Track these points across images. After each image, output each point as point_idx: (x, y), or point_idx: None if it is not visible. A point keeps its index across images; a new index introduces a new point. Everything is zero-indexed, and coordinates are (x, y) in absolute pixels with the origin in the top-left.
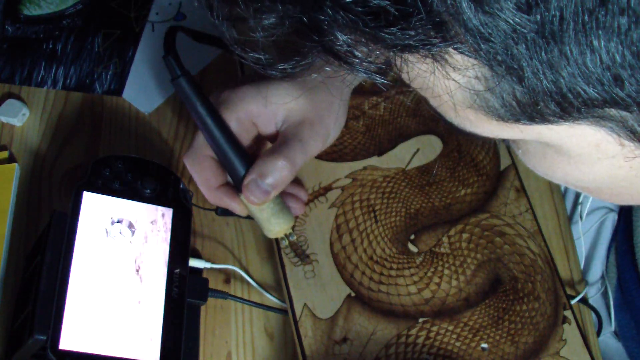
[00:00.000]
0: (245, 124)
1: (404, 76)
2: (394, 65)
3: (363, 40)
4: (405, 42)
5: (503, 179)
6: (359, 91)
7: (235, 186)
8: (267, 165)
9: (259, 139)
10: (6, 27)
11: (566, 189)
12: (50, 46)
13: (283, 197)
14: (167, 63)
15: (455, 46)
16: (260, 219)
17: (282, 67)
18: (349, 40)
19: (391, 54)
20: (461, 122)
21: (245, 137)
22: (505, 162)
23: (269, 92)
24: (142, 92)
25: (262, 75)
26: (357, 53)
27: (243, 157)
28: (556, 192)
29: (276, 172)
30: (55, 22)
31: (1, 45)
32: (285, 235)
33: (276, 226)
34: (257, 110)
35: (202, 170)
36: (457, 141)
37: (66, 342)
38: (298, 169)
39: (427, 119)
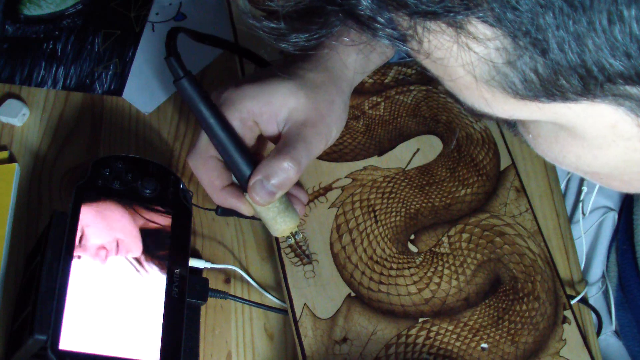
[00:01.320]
0: (247, 124)
1: (424, 46)
2: (414, 33)
3: (386, 5)
4: (429, 8)
5: (503, 179)
6: (359, 91)
7: (241, 186)
8: (273, 167)
9: (261, 138)
10: (6, 27)
11: (566, 189)
12: (50, 46)
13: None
14: (169, 64)
15: (479, 15)
16: (266, 218)
17: (295, 39)
18: (372, 5)
19: (413, 21)
20: (476, 101)
21: (248, 137)
22: (505, 162)
23: (271, 91)
24: (142, 92)
25: (263, 75)
26: (379, 19)
27: (248, 158)
28: (556, 192)
29: (282, 173)
30: (55, 22)
31: (1, 45)
32: (292, 233)
33: (282, 225)
34: (259, 110)
35: (207, 172)
36: (457, 141)
37: (66, 342)
38: (303, 170)
39: (427, 119)
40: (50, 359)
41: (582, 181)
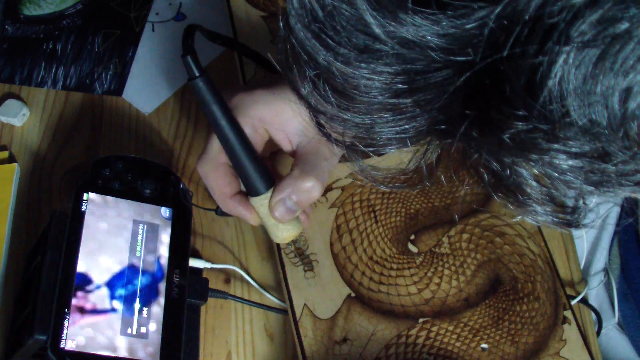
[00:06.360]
0: (258, 131)
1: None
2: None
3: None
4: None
5: None
6: None
7: (248, 193)
8: (297, 186)
9: (269, 144)
10: (6, 27)
11: None
12: (50, 46)
13: None
14: (185, 63)
15: None
16: (269, 225)
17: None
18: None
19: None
20: None
21: (258, 143)
22: None
23: (284, 99)
24: (142, 92)
25: (275, 81)
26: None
27: (260, 166)
28: None
29: (305, 194)
30: (55, 22)
31: (1, 45)
32: (292, 241)
33: (284, 232)
34: (271, 118)
35: (217, 179)
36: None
37: (66, 342)
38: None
39: None
40: (50, 359)
41: None
